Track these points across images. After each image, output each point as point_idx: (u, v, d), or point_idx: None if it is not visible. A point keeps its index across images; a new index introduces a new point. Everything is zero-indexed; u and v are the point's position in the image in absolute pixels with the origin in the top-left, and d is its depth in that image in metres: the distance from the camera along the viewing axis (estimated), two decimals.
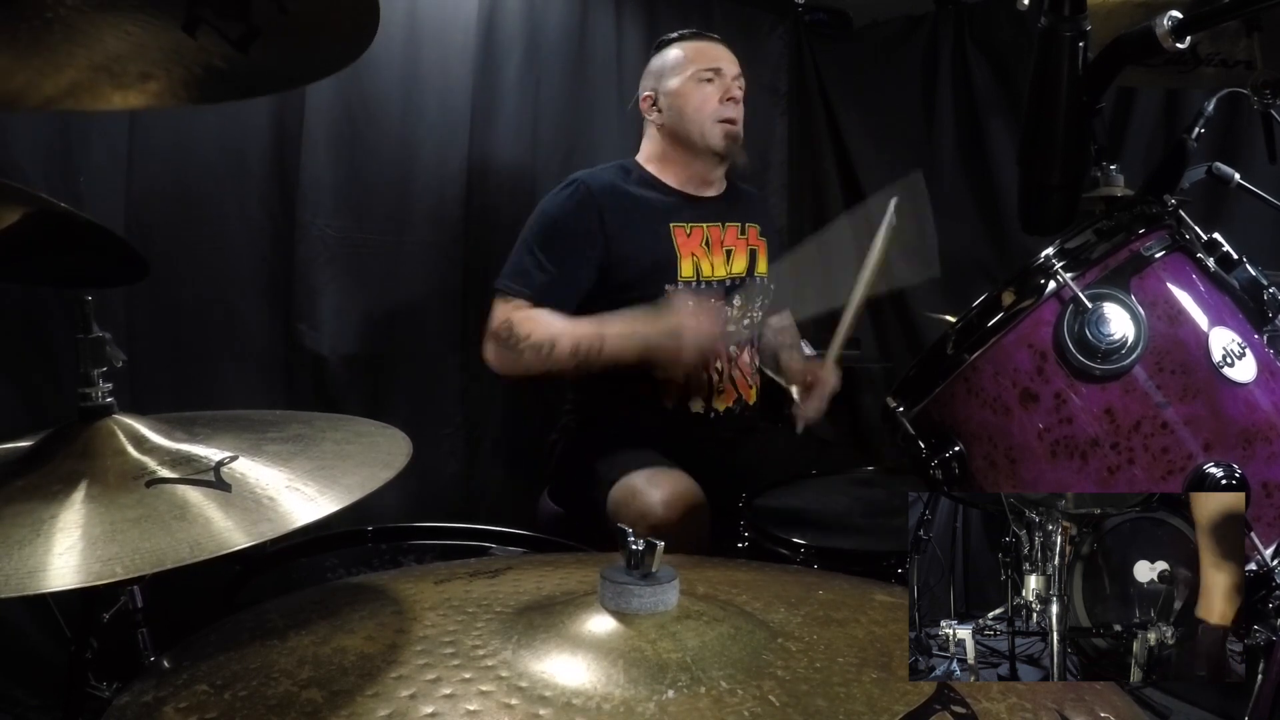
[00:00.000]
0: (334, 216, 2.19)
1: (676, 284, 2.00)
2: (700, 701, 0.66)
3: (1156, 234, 1.10)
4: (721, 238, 2.08)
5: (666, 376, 1.91)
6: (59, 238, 0.99)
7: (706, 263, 2.04)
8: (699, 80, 2.05)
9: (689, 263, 2.02)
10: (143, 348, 1.94)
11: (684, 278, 2.01)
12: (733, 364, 2.06)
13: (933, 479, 1.14)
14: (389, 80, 2.24)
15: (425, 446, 2.23)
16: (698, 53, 2.08)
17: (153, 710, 0.69)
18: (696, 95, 2.04)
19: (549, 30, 2.56)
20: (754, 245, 2.13)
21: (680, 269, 2.01)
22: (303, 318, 2.17)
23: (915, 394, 1.16)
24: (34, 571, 0.70)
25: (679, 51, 2.09)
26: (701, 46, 2.09)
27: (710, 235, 2.07)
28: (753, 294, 2.10)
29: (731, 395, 2.06)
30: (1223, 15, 1.12)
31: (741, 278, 2.08)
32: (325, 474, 0.88)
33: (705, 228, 2.06)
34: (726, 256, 2.08)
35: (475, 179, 2.41)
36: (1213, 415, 1.04)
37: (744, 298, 2.08)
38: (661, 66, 2.10)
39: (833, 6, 3.20)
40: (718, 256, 2.06)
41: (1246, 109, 1.55)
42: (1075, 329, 1.04)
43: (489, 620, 0.79)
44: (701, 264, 2.03)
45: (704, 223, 2.06)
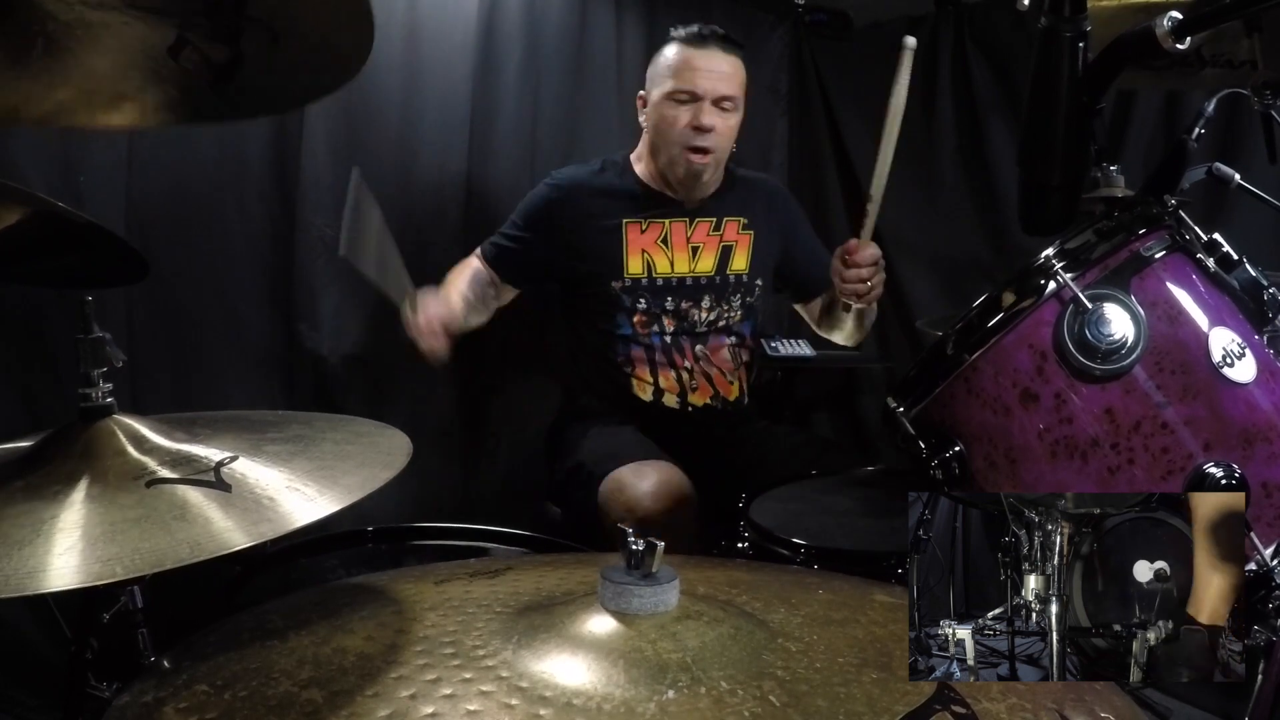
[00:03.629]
0: (334, 216, 2.18)
1: (623, 280, 2.01)
2: (700, 702, 0.66)
3: (1156, 234, 1.10)
4: (687, 234, 2.04)
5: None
6: (59, 238, 0.99)
7: (662, 259, 2.02)
8: (673, 101, 1.96)
9: (638, 260, 2.01)
10: (143, 348, 1.94)
11: (630, 274, 2.01)
12: (705, 360, 2.05)
13: (933, 479, 1.14)
14: (389, 80, 2.23)
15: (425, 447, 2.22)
16: (683, 67, 1.96)
17: (153, 710, 0.69)
18: (668, 116, 1.97)
19: (549, 30, 2.55)
20: (730, 241, 2.07)
21: (626, 266, 2.01)
22: (303, 318, 2.16)
23: (915, 394, 1.16)
24: (34, 571, 0.70)
25: (671, 58, 1.99)
26: (690, 58, 1.96)
27: (671, 231, 2.03)
28: (725, 292, 2.07)
29: (707, 391, 2.06)
30: (1222, 16, 1.12)
31: (709, 275, 2.05)
32: (325, 474, 0.88)
33: (667, 224, 2.03)
34: (692, 254, 2.04)
35: (475, 179, 2.40)
36: (1213, 415, 1.04)
37: (715, 296, 2.06)
38: (655, 68, 2.04)
39: (833, 6, 3.20)
40: (679, 253, 2.03)
41: (1246, 109, 1.56)
42: (1075, 329, 1.03)
43: (489, 620, 0.79)
44: (655, 261, 2.02)
45: (667, 219, 2.03)
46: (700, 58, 1.96)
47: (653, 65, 2.06)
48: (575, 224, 2.04)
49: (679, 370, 2.03)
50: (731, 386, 2.10)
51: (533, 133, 2.53)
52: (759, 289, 2.12)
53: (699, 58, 1.96)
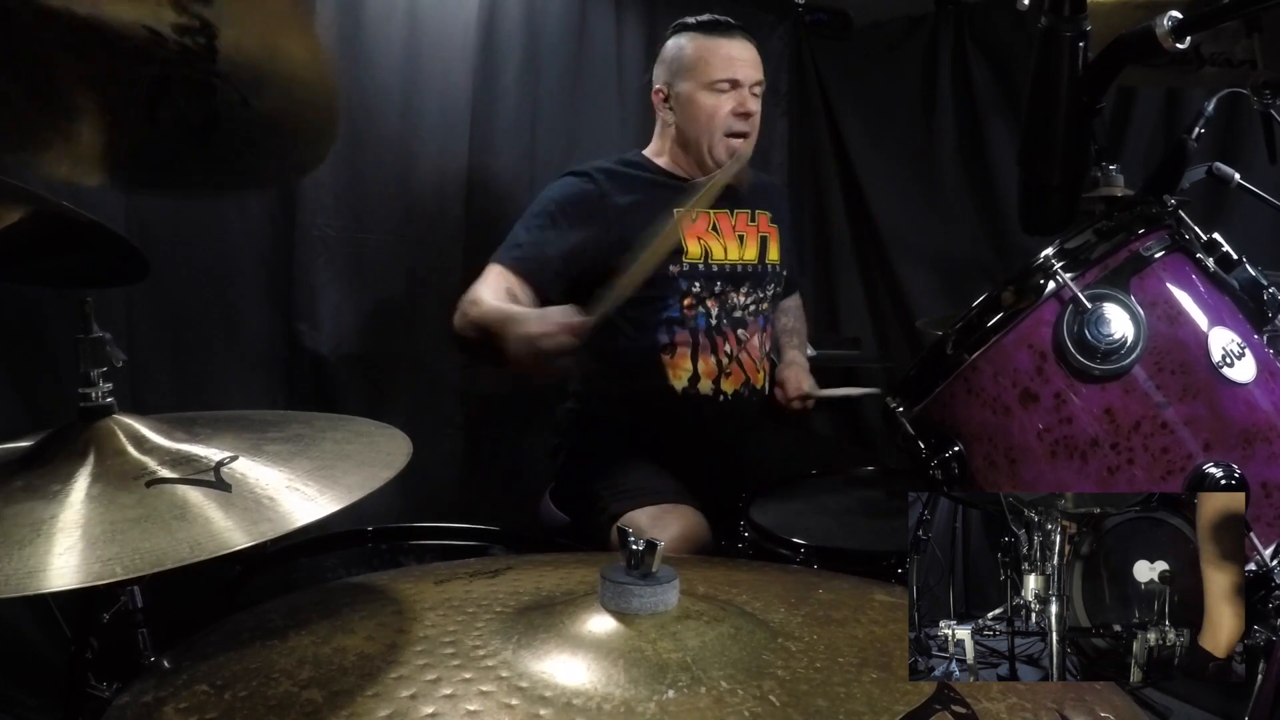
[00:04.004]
0: (334, 216, 2.18)
1: (682, 265, 1.98)
2: (700, 701, 0.66)
3: (1156, 234, 1.10)
4: (732, 223, 2.05)
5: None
6: (59, 238, 0.99)
7: (717, 245, 2.02)
8: (714, 90, 1.96)
9: (695, 245, 1.99)
10: (143, 348, 1.94)
11: (690, 259, 1.98)
12: (741, 347, 2.05)
13: (933, 479, 1.14)
14: (389, 80, 2.23)
15: (425, 447, 2.22)
16: (716, 56, 1.96)
17: (153, 710, 0.69)
18: (709, 105, 1.97)
19: (549, 30, 2.55)
20: (764, 232, 2.10)
21: (686, 250, 1.98)
22: (303, 318, 2.16)
23: (915, 394, 1.16)
24: (34, 571, 0.70)
25: (696, 49, 1.98)
26: (720, 47, 1.96)
27: (719, 220, 2.04)
28: (763, 281, 2.08)
29: (740, 378, 2.05)
30: (1223, 15, 1.13)
31: (753, 264, 2.06)
32: (325, 474, 0.88)
33: (713, 213, 2.03)
34: (739, 241, 2.05)
35: (475, 179, 2.40)
36: (1212, 415, 1.04)
37: (753, 284, 2.06)
38: (677, 60, 2.00)
39: (833, 6, 3.20)
40: (730, 241, 2.04)
41: (1246, 109, 1.56)
42: (1075, 329, 1.04)
43: (489, 620, 0.79)
44: (711, 247, 2.01)
45: (712, 208, 2.01)
46: (732, 46, 1.97)
47: (670, 55, 2.03)
48: (627, 212, 1.95)
49: (719, 354, 2.02)
50: (759, 374, 2.10)
51: (533, 132, 2.53)
52: (784, 279, 2.16)
53: (731, 46, 1.97)
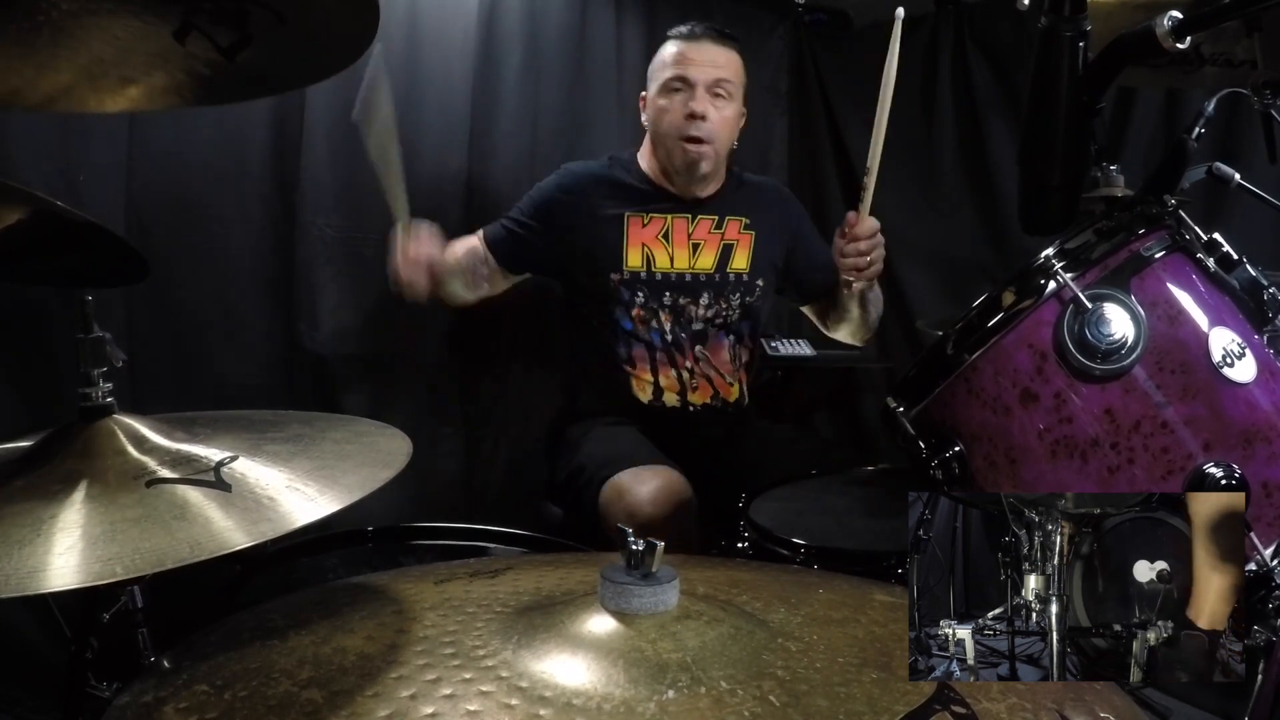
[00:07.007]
0: (334, 216, 2.18)
1: (621, 273, 2.01)
2: (700, 701, 0.66)
3: (1156, 234, 1.10)
4: (689, 230, 2.05)
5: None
6: (59, 238, 0.99)
7: (662, 254, 2.02)
8: (666, 90, 2.00)
9: (637, 252, 2.01)
10: (143, 348, 1.94)
11: (630, 268, 2.01)
12: (705, 361, 2.06)
13: (933, 479, 1.14)
14: (389, 80, 2.23)
15: (425, 446, 2.23)
16: (677, 57, 2.00)
17: (153, 710, 0.69)
18: (658, 106, 2.01)
19: (549, 30, 2.55)
20: (731, 240, 2.07)
21: (626, 258, 2.01)
22: (303, 318, 2.17)
23: (915, 394, 1.16)
24: (34, 571, 0.70)
25: (663, 54, 2.04)
26: (683, 50, 2.00)
27: (673, 227, 2.04)
28: (724, 290, 2.07)
29: (707, 391, 2.07)
30: (1223, 15, 1.12)
31: (708, 273, 2.05)
32: (325, 474, 0.88)
33: (669, 219, 2.04)
34: (692, 250, 2.04)
35: (475, 179, 2.40)
36: (1213, 415, 1.04)
37: (713, 294, 2.06)
38: (652, 67, 2.07)
39: (833, 6, 3.20)
40: (679, 249, 2.03)
41: (1246, 109, 1.55)
42: (1075, 329, 1.03)
43: (489, 620, 0.79)
44: (655, 255, 2.02)
45: (670, 214, 2.04)
46: (692, 49, 2.01)
47: (651, 66, 2.09)
48: (579, 214, 2.04)
49: (679, 369, 2.03)
50: (731, 388, 2.10)
51: (533, 132, 2.53)
52: (759, 289, 2.11)
53: (691, 49, 2.01)
